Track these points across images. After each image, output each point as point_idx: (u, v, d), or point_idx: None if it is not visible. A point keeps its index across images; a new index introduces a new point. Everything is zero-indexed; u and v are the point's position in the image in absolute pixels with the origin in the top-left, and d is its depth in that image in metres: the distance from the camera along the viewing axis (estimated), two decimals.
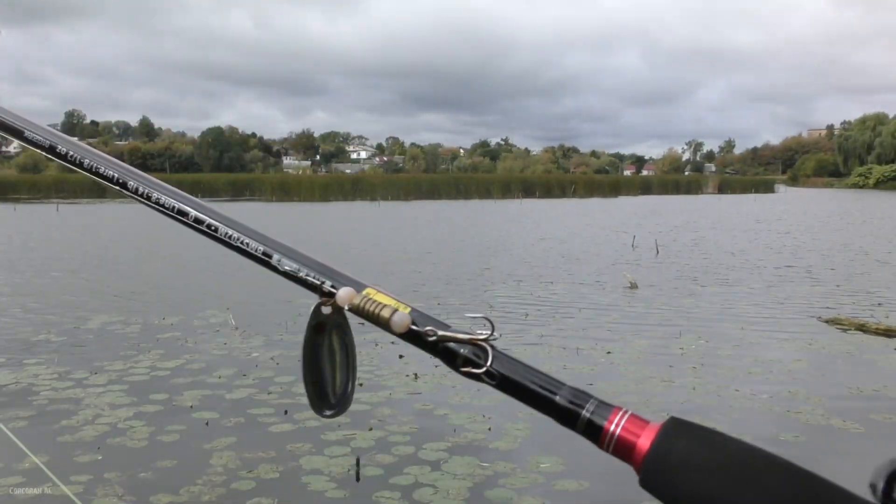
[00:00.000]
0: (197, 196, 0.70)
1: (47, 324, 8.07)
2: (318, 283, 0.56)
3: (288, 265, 0.57)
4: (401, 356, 6.56)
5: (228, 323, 7.99)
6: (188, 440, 4.59)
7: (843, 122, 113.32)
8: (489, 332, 0.50)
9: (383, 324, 0.51)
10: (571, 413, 0.44)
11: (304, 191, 46.66)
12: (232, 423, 4.88)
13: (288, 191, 46.88)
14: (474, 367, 0.49)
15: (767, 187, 65.62)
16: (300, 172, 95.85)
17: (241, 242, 0.61)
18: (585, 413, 0.44)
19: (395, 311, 0.51)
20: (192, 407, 5.22)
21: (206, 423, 4.87)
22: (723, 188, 64.72)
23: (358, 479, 3.99)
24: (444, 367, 0.55)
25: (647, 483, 0.38)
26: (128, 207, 36.69)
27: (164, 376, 5.99)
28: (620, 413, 0.43)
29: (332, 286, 0.55)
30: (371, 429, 4.77)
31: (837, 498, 0.34)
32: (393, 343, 7.11)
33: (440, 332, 0.51)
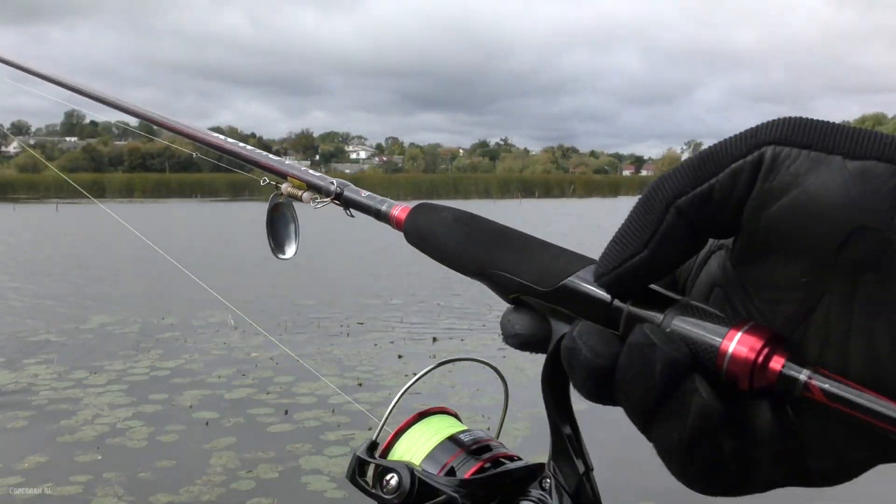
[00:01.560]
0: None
1: (47, 324, 8.07)
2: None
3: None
4: (400, 356, 6.57)
5: (228, 323, 7.99)
6: (188, 440, 4.59)
7: (843, 122, 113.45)
8: None
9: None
10: (378, 210, 0.59)
11: None
12: (231, 423, 4.88)
13: None
14: None
15: None
16: None
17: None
18: (383, 208, 0.58)
19: None
20: (191, 407, 5.22)
21: (206, 423, 4.87)
22: None
23: None
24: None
25: (406, 237, 0.54)
26: (128, 207, 36.68)
27: (163, 376, 5.99)
28: (399, 205, 0.57)
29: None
30: (370, 429, 4.75)
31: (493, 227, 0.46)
32: (392, 343, 7.12)
33: None
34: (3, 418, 4.98)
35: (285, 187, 0.65)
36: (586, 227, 23.94)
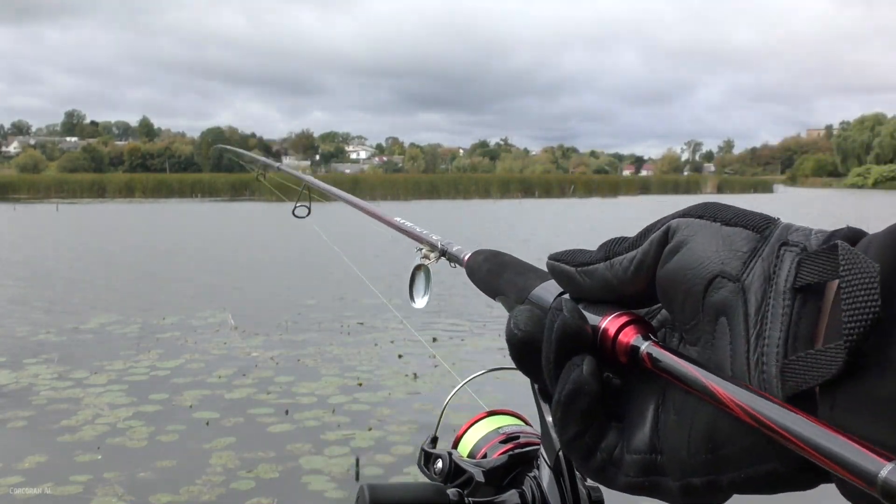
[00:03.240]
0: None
1: (47, 324, 8.07)
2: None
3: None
4: (400, 356, 6.57)
5: (228, 322, 8.00)
6: (188, 440, 4.59)
7: (842, 123, 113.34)
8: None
9: None
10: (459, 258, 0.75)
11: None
12: (231, 423, 4.88)
13: (287, 191, 46.83)
14: None
15: (766, 187, 65.74)
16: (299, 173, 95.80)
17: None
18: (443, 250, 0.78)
19: None
20: (191, 407, 5.22)
21: (206, 423, 4.88)
22: (721, 188, 64.78)
23: (357, 478, 4.00)
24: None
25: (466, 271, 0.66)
26: (127, 207, 36.69)
27: (163, 376, 5.99)
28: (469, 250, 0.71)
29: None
30: (370, 429, 4.77)
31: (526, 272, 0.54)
32: (392, 343, 7.12)
33: None
34: (3, 418, 4.98)
35: (424, 252, 0.83)
36: (586, 226, 23.96)
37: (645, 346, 0.37)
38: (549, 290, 0.47)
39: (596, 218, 28.72)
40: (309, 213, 1.53)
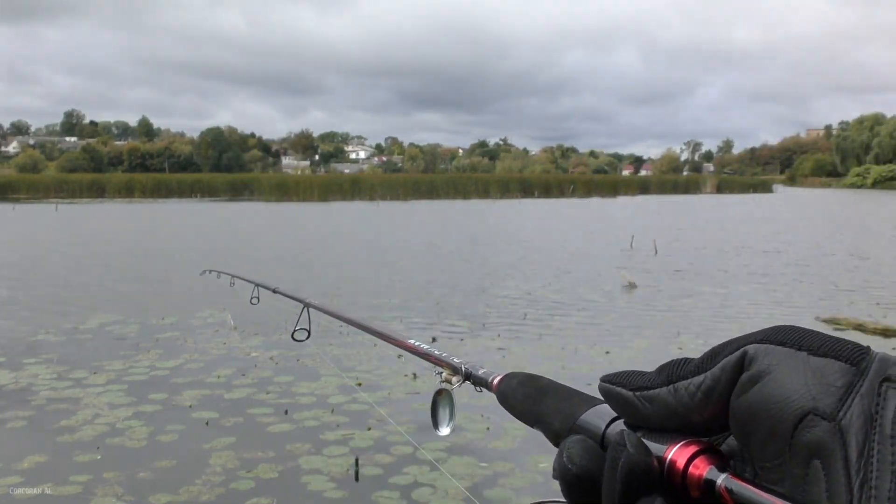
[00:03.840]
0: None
1: (46, 324, 8.07)
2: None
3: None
4: (399, 356, 6.57)
5: (227, 323, 8.00)
6: (187, 440, 4.59)
7: (841, 123, 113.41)
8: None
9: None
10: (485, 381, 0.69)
11: (303, 191, 46.65)
12: (231, 423, 4.88)
13: (287, 191, 46.86)
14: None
15: (765, 187, 65.73)
16: (299, 172, 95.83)
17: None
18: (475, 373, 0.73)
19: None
20: (191, 407, 5.22)
21: (206, 423, 4.88)
22: (721, 188, 64.78)
23: (357, 478, 4.00)
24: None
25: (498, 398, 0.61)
26: (127, 207, 36.68)
27: (163, 376, 5.99)
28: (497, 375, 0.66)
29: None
30: (370, 428, 4.77)
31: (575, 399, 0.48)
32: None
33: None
34: (3, 418, 4.98)
35: (445, 375, 0.80)
36: (585, 227, 23.95)
37: (721, 480, 0.34)
38: (601, 416, 0.43)
39: (597, 216, 28.72)
40: (309, 335, 1.45)
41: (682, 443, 0.36)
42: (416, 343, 0.87)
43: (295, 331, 1.40)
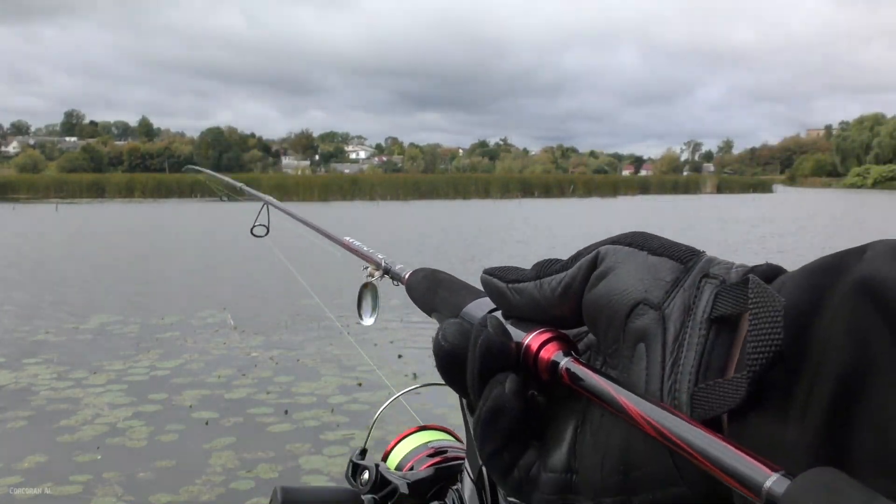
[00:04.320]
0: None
1: (47, 324, 8.07)
2: None
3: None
4: (399, 356, 6.57)
5: (227, 322, 8.00)
6: (187, 440, 4.59)
7: (842, 123, 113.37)
8: None
9: None
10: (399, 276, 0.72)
11: (303, 191, 46.68)
12: (231, 423, 4.88)
13: (287, 191, 46.87)
14: None
15: (765, 187, 65.75)
16: (299, 172, 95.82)
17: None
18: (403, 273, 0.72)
19: None
20: (191, 407, 5.22)
21: (206, 423, 4.88)
22: (721, 188, 64.80)
23: None
24: None
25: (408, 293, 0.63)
26: (127, 208, 36.69)
27: (163, 376, 5.99)
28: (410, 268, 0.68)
29: None
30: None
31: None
32: (391, 343, 7.12)
33: None
34: (3, 418, 4.98)
35: (370, 270, 0.84)
36: (584, 227, 23.96)
37: (564, 362, 0.37)
38: (480, 307, 0.47)
39: (597, 216, 28.72)
40: (268, 232, 1.52)
41: (539, 331, 0.40)
42: (350, 240, 0.95)
43: (254, 226, 1.48)
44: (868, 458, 0.27)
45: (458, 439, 0.77)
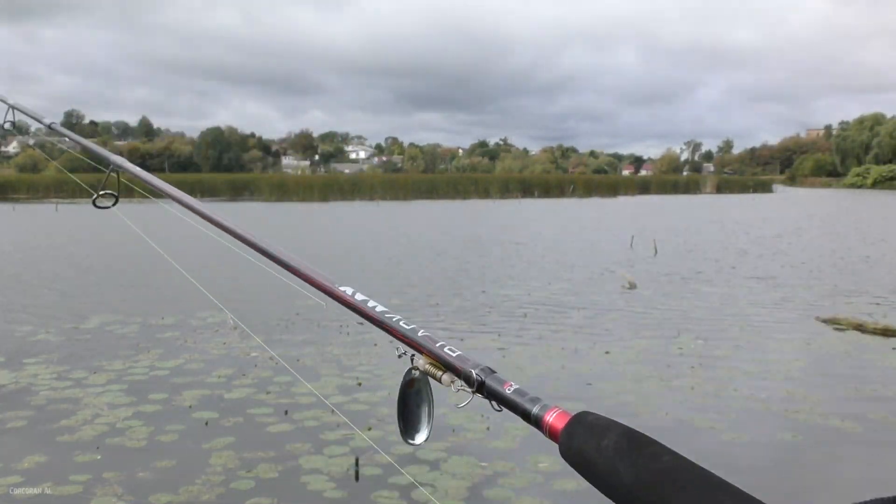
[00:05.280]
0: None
1: (47, 324, 8.07)
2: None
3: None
4: (399, 356, 6.56)
5: (227, 323, 7.99)
6: (187, 440, 4.59)
7: (841, 123, 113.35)
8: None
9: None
10: (528, 412, 0.58)
11: (303, 191, 46.63)
12: (231, 423, 4.88)
13: (287, 191, 46.84)
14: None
15: (765, 187, 65.71)
16: (299, 172, 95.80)
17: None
18: (535, 410, 0.59)
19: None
20: (191, 407, 5.22)
21: (206, 423, 4.88)
22: (721, 188, 64.75)
23: (357, 478, 4.00)
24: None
25: (562, 453, 0.53)
26: (126, 208, 36.64)
27: (163, 376, 5.99)
28: (554, 409, 0.56)
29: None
30: (370, 428, 4.77)
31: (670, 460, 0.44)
32: (391, 342, 7.11)
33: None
34: (3, 418, 4.98)
35: (421, 363, 0.60)
36: (584, 227, 23.94)
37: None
38: None
39: (597, 216, 28.70)
40: (116, 201, 1.03)
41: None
42: (374, 305, 0.77)
43: (97, 196, 1.00)
44: None
45: None
